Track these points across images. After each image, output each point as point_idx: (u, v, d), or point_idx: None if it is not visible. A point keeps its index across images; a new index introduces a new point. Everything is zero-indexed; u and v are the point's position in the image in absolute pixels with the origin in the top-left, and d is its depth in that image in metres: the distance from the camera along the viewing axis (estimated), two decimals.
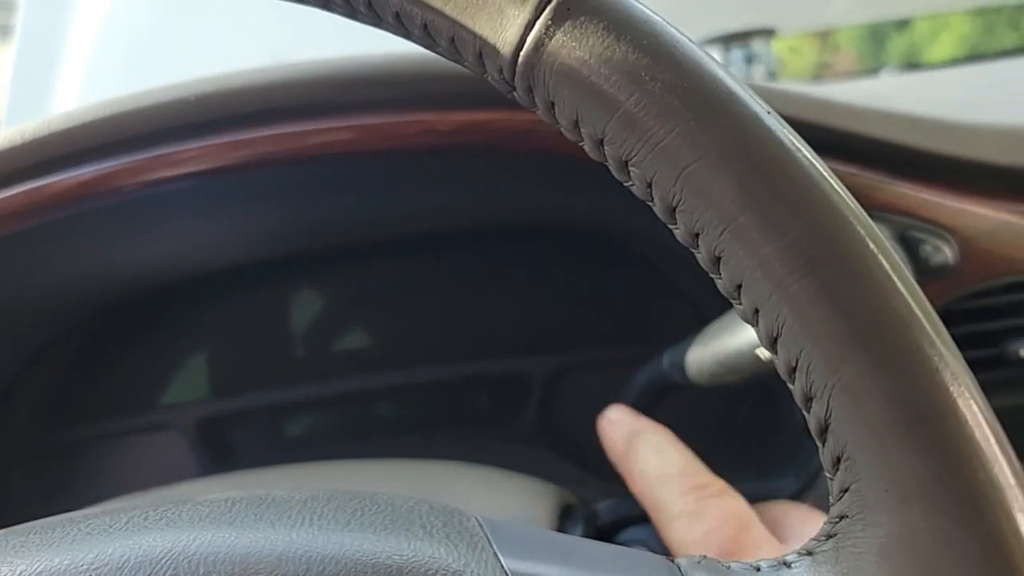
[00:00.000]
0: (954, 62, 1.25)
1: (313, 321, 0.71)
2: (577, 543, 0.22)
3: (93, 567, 0.20)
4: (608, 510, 0.43)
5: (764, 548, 0.39)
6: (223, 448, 0.70)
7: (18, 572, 0.20)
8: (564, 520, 0.42)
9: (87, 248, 0.56)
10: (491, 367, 0.70)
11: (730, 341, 0.37)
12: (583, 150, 0.48)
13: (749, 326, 0.37)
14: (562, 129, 0.21)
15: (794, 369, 0.19)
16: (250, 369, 0.71)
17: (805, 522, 0.41)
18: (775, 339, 0.19)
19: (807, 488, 0.55)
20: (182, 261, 0.66)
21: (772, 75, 0.96)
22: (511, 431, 0.69)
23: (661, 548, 0.44)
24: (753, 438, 0.61)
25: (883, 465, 0.18)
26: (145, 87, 0.45)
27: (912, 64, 1.27)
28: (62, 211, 0.47)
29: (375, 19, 0.22)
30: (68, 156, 0.45)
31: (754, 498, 0.56)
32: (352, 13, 0.22)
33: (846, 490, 0.19)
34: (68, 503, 0.69)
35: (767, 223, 0.18)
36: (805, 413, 0.19)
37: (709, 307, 0.66)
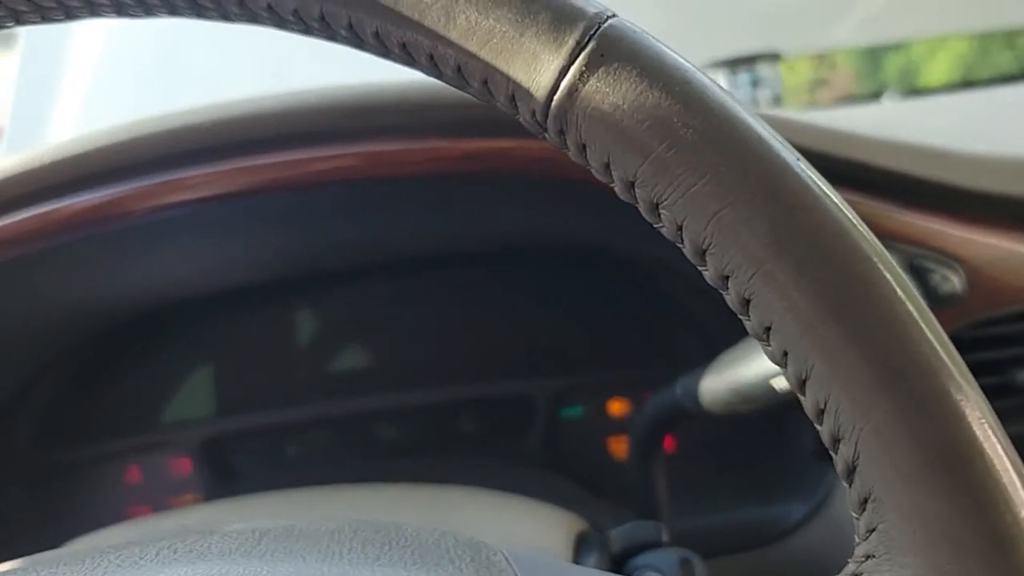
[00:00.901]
0: (953, 87, 1.26)
1: (316, 342, 0.71)
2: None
3: None
4: (621, 536, 0.43)
5: None
6: (226, 468, 0.70)
7: None
8: (579, 548, 0.42)
9: (92, 270, 0.57)
10: (495, 389, 0.70)
11: (744, 371, 0.37)
12: (590, 180, 0.49)
13: (763, 357, 0.37)
14: (593, 171, 0.21)
15: (822, 411, 0.19)
16: (253, 389, 0.71)
17: None
18: (804, 381, 0.19)
19: (814, 514, 0.55)
20: (185, 282, 0.67)
21: (778, 99, 0.97)
22: (515, 453, 0.69)
23: (670, 572, 0.44)
24: (761, 464, 0.62)
25: (911, 507, 0.18)
26: (149, 97, 0.46)
27: (912, 89, 1.28)
28: (71, 235, 0.47)
29: (408, 60, 0.22)
30: (78, 180, 0.45)
31: (763, 524, 0.57)
32: (386, 53, 0.22)
33: (873, 530, 0.19)
34: (67, 523, 0.69)
35: (798, 268, 0.18)
36: (833, 454, 0.19)
37: (716, 332, 0.66)
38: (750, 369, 0.37)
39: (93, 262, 0.55)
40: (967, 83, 1.29)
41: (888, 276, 0.19)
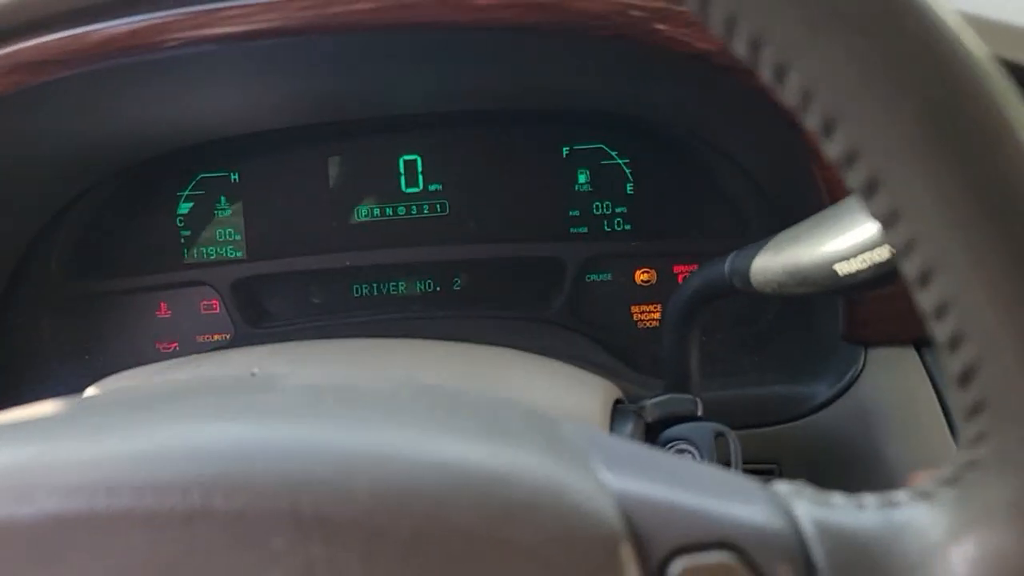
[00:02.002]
0: None
1: (347, 191, 0.70)
2: (676, 463, 0.22)
3: (187, 451, 0.20)
4: (656, 407, 0.43)
5: None
6: (256, 309, 0.70)
7: (119, 451, 0.20)
8: (615, 415, 0.42)
9: (123, 102, 0.54)
10: (525, 250, 0.69)
11: (804, 254, 0.36)
12: (659, 39, 0.45)
13: (827, 240, 0.35)
14: (712, 26, 0.19)
15: (944, 309, 0.18)
16: (283, 234, 0.70)
17: None
18: (928, 275, 0.18)
19: (839, 396, 0.55)
20: (217, 122, 0.65)
21: None
22: (542, 315, 0.68)
23: (704, 444, 0.44)
24: (790, 343, 0.61)
25: None
26: None
27: None
28: (101, 61, 0.44)
29: None
30: (112, 4, 0.43)
31: (787, 401, 0.57)
32: None
33: (982, 438, 0.18)
34: (97, 353, 0.70)
35: (948, 160, 0.17)
36: (948, 354, 0.18)
37: (750, 213, 0.64)
38: (811, 252, 0.35)
39: (122, 95, 0.53)
40: None
41: None
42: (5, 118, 0.48)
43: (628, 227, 0.69)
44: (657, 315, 0.70)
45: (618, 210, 0.69)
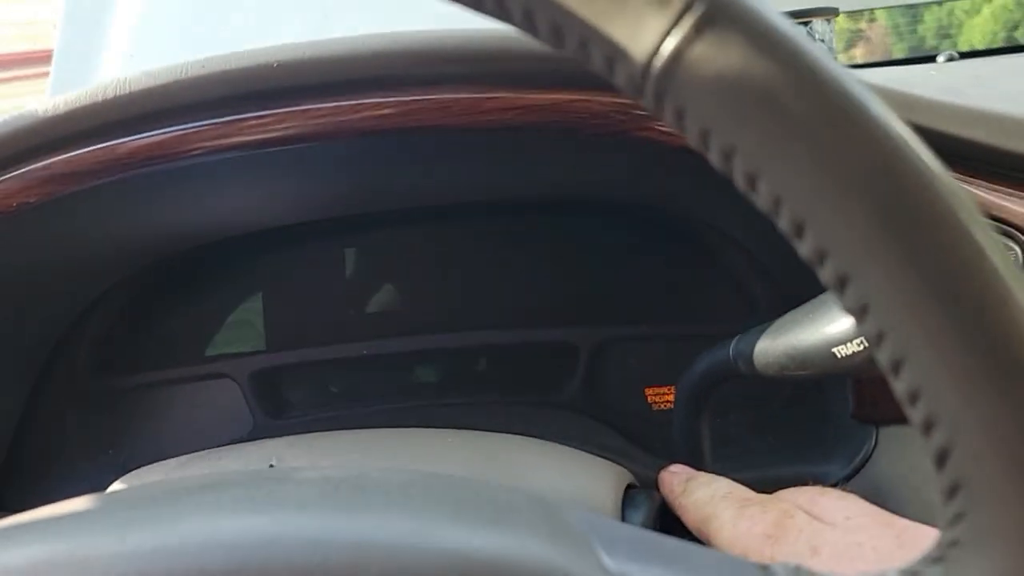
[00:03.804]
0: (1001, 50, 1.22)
1: (363, 282, 0.72)
2: (677, 546, 0.23)
3: (207, 544, 0.21)
4: None
5: (806, 532, 0.39)
6: (276, 400, 0.71)
7: (143, 545, 0.21)
8: (626, 501, 0.43)
9: (147, 206, 0.57)
10: (539, 336, 0.70)
11: (804, 337, 0.37)
12: (657, 134, 0.48)
13: (825, 323, 0.37)
14: (688, 137, 0.21)
15: (916, 395, 0.19)
16: (300, 325, 0.72)
17: (840, 501, 0.42)
18: (899, 364, 0.19)
19: (854, 475, 0.55)
20: (237, 220, 0.67)
21: (833, 54, 0.95)
22: (556, 400, 0.69)
23: None
24: (800, 424, 0.62)
25: (1006, 499, 0.18)
26: (193, 42, 0.45)
27: (958, 48, 1.24)
28: (129, 171, 0.47)
29: (503, 15, 0.21)
30: (140, 118, 0.45)
31: (801, 482, 0.57)
32: (478, 6, 0.22)
33: (961, 517, 0.19)
34: (122, 448, 0.71)
35: (906, 252, 0.18)
36: (924, 437, 0.19)
37: (757, 293, 0.66)
38: (810, 335, 0.36)
39: (148, 199, 0.56)
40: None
41: (1000, 268, 0.18)
42: (37, 224, 0.51)
43: (639, 310, 0.71)
44: (671, 397, 0.70)
45: (629, 293, 0.71)
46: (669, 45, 0.19)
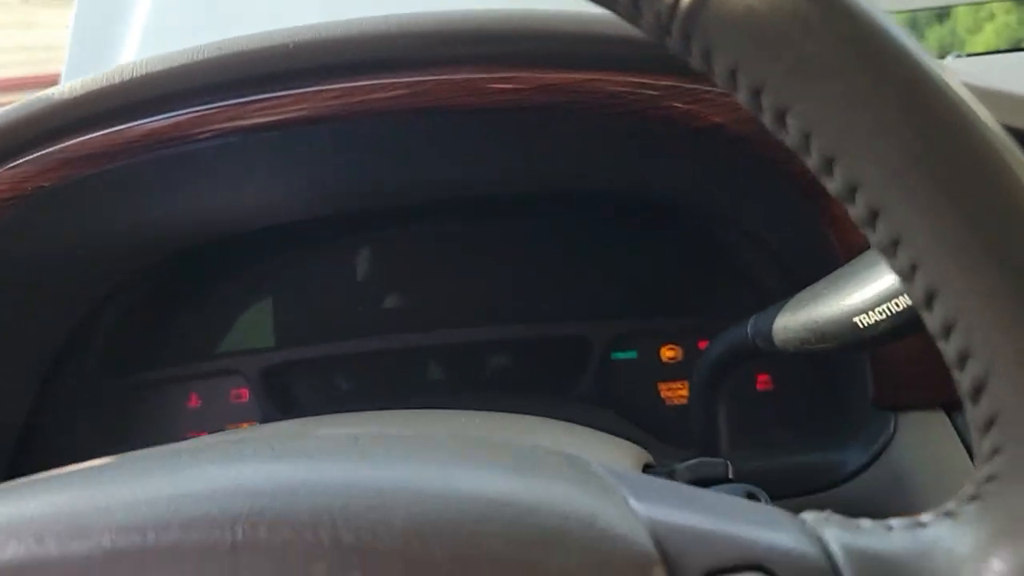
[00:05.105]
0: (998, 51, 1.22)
1: (373, 278, 0.72)
2: (704, 494, 0.22)
3: (236, 490, 0.21)
4: (687, 470, 0.43)
5: None
6: (286, 396, 0.71)
7: (163, 491, 0.20)
8: None
9: (157, 195, 0.57)
10: (552, 330, 0.70)
11: (824, 309, 0.36)
12: (673, 115, 0.47)
13: (846, 295, 0.36)
14: (716, 78, 0.21)
15: (951, 327, 0.19)
16: (310, 322, 0.71)
17: None
18: (932, 296, 0.19)
19: (872, 463, 0.55)
20: (250, 214, 0.67)
21: None
22: (570, 393, 0.69)
23: None
24: (819, 412, 0.61)
25: None
26: (203, 35, 0.45)
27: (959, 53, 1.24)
28: (138, 156, 0.47)
29: None
30: (148, 102, 0.45)
31: (820, 470, 0.56)
32: None
33: (997, 451, 0.19)
34: (131, 444, 0.71)
35: (938, 182, 0.18)
36: (957, 372, 0.19)
37: (771, 286, 0.65)
38: (831, 307, 0.36)
39: (162, 188, 0.56)
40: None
41: None
42: (52, 212, 0.51)
43: (652, 304, 0.70)
44: (684, 392, 0.70)
45: (642, 288, 0.70)
46: None
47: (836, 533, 0.21)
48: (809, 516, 0.22)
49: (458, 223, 0.70)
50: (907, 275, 0.19)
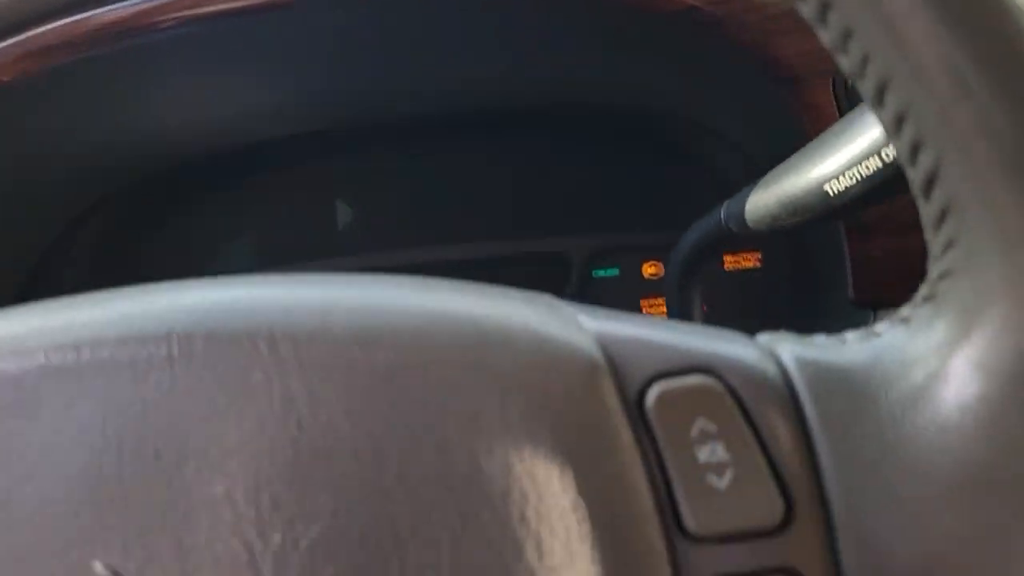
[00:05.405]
0: None
1: (356, 196, 0.71)
2: (657, 318, 0.22)
3: (172, 308, 0.20)
4: None
5: None
6: None
7: (114, 310, 0.20)
8: None
9: (125, 99, 0.55)
10: (531, 246, 0.69)
11: (795, 180, 0.36)
12: (653, 6, 0.46)
13: (814, 164, 0.36)
14: None
15: (902, 119, 0.18)
16: (296, 239, 0.71)
17: None
18: (883, 88, 0.18)
19: None
20: (228, 129, 0.66)
21: None
22: None
23: None
24: (797, 311, 0.61)
25: (995, 211, 0.17)
26: None
27: None
28: (108, 44, 0.45)
29: None
30: None
31: None
32: None
33: (951, 244, 0.18)
34: None
35: None
36: (909, 167, 0.18)
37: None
38: (801, 178, 0.35)
39: (124, 88, 0.54)
40: None
41: None
42: (14, 116, 0.50)
43: (632, 220, 0.70)
44: (665, 308, 0.70)
45: (621, 203, 0.70)
46: None
47: (789, 347, 0.20)
48: (764, 337, 0.21)
49: (435, 141, 0.69)
50: (858, 70, 0.18)
